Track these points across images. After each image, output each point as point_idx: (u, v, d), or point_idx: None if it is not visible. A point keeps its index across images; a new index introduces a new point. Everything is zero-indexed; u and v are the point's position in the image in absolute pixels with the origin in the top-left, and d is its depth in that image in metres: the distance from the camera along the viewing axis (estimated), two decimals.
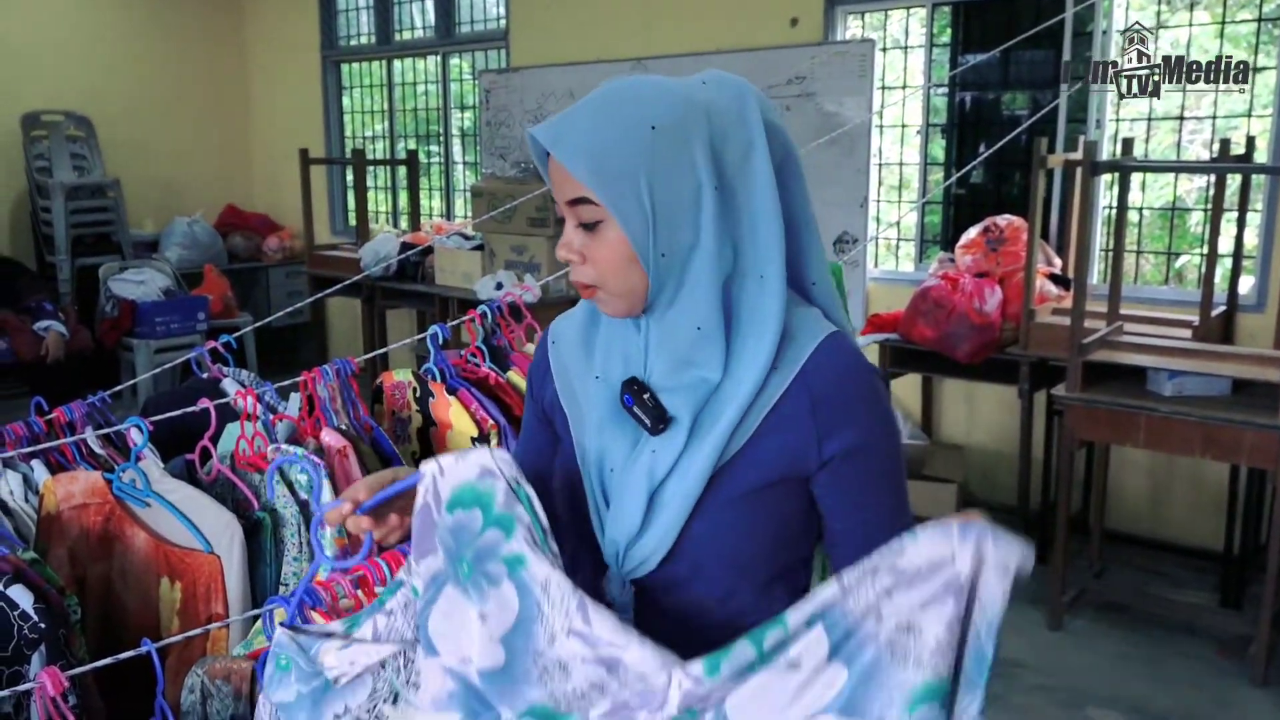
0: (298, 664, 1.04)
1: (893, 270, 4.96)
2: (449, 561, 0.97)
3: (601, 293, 1.06)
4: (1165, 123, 4.28)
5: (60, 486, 1.53)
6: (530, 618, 0.92)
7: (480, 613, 0.94)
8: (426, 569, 0.99)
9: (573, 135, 1.02)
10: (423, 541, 0.99)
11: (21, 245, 6.52)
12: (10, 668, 1.30)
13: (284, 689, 1.05)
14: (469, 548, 0.95)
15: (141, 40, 7.08)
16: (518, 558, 0.93)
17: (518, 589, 0.93)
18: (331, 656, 1.03)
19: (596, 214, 1.02)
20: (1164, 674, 3.19)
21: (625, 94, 1.04)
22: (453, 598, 0.97)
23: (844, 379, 1.05)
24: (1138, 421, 3.16)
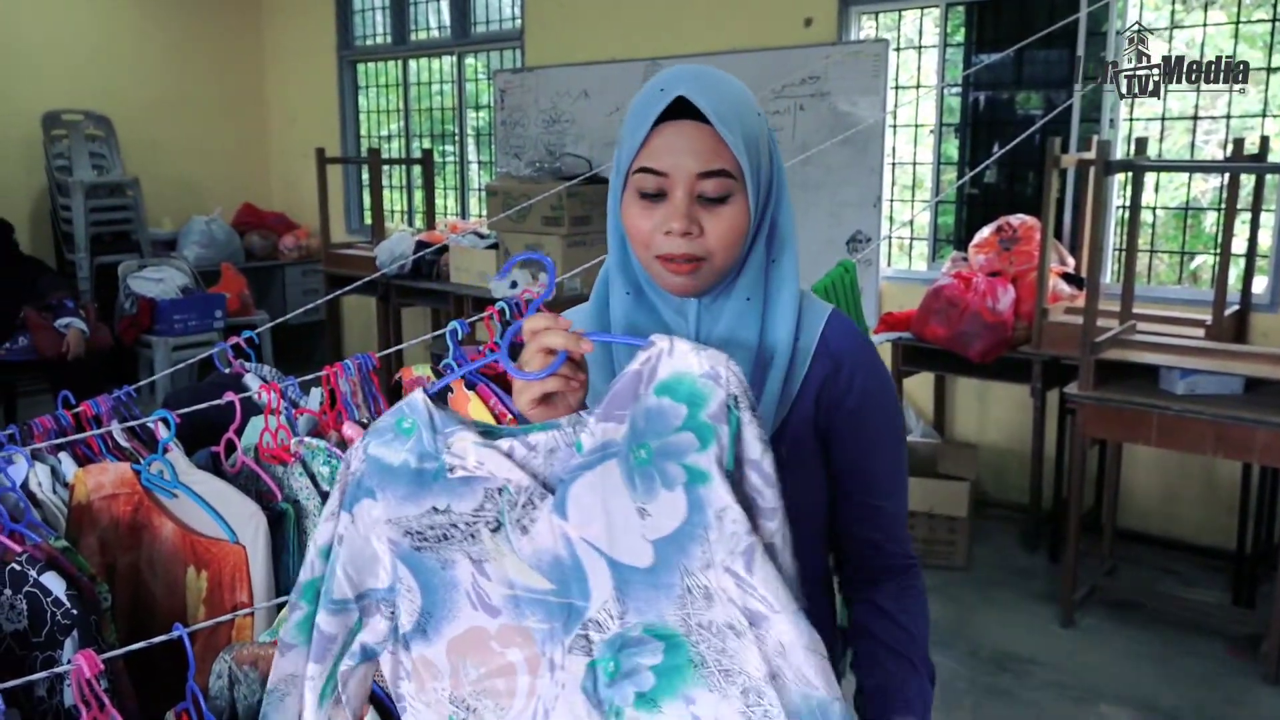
0: (420, 435, 0.95)
1: (906, 269, 4.97)
2: (629, 440, 0.89)
3: (705, 266, 1.07)
4: (1179, 123, 4.28)
5: (90, 477, 1.56)
6: (692, 536, 0.87)
7: (640, 507, 0.88)
8: (602, 433, 0.90)
9: (722, 102, 1.02)
10: (613, 406, 0.90)
11: (42, 243, 6.59)
12: (44, 652, 1.33)
13: (391, 448, 0.95)
14: (658, 438, 0.88)
15: (160, 41, 7.15)
16: (703, 473, 0.87)
17: (689, 503, 0.87)
18: (461, 446, 0.93)
19: (729, 187, 1.04)
20: (1175, 671, 3.20)
21: (731, 77, 1.07)
22: (612, 476, 0.89)
23: (857, 345, 1.17)
24: (1150, 420, 3.18)
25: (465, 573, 0.94)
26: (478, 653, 0.94)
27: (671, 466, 0.87)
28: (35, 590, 1.32)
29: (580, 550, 0.90)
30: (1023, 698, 3.06)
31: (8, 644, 1.36)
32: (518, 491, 0.92)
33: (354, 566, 0.96)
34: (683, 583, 0.88)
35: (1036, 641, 3.38)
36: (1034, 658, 3.27)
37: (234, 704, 1.28)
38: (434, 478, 0.94)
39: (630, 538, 0.89)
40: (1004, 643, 3.37)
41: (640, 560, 0.89)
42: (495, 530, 0.93)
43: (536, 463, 0.92)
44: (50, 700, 1.32)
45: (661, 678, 0.89)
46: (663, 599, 0.88)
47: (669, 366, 0.89)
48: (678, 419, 0.87)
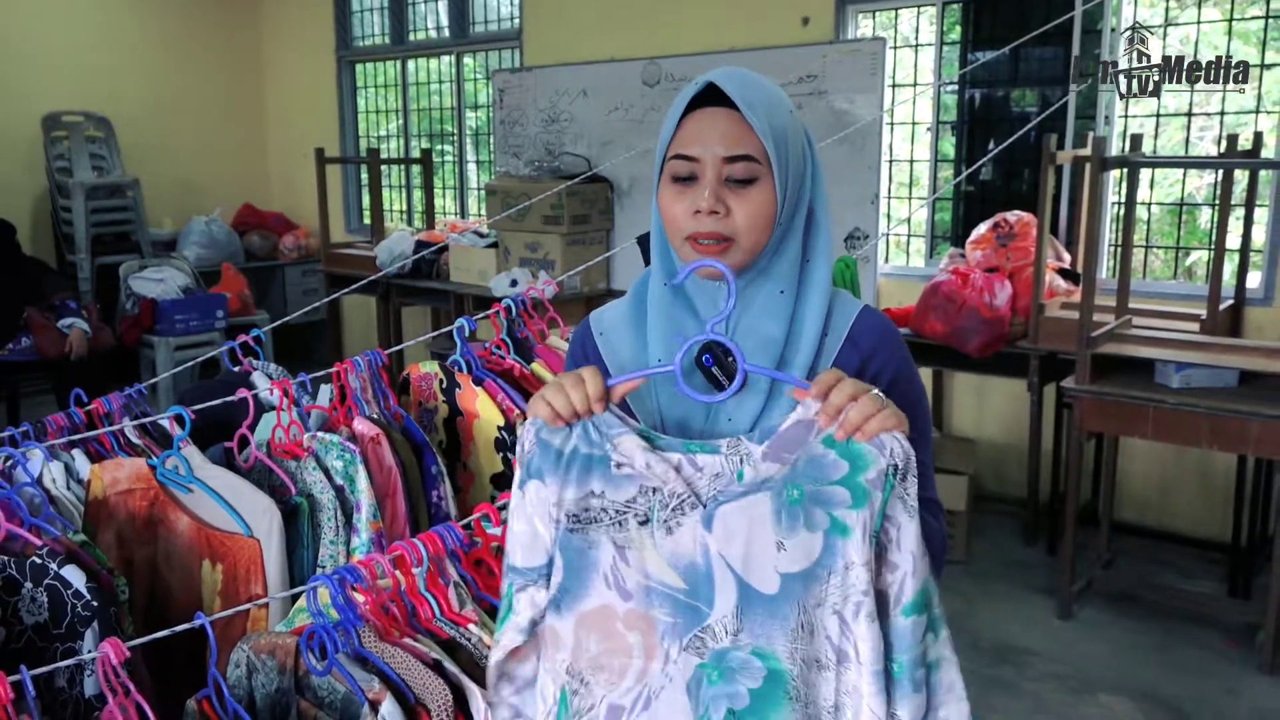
0: (589, 429, 1.03)
1: (903, 266, 5.01)
2: (787, 478, 0.97)
3: (733, 247, 1.12)
4: (1174, 119, 4.32)
5: (107, 473, 1.59)
6: (817, 577, 0.96)
7: (779, 540, 0.96)
8: (764, 470, 0.98)
9: (751, 91, 1.10)
10: (780, 448, 0.98)
11: (43, 244, 6.61)
12: (65, 644, 1.36)
13: (558, 435, 1.03)
14: (814, 484, 0.96)
15: (160, 42, 7.17)
16: (845, 528, 0.95)
17: (825, 548, 0.95)
18: (629, 448, 1.01)
19: (755, 171, 1.10)
20: (1173, 662, 3.24)
21: (763, 76, 1.14)
22: (762, 506, 0.97)
23: (886, 338, 1.20)
24: (1146, 413, 3.21)
25: (607, 555, 1.01)
26: (603, 629, 1.02)
27: (819, 513, 0.96)
28: (56, 583, 1.35)
29: (715, 564, 0.98)
30: (1023, 689, 3.09)
31: (29, 636, 1.38)
32: (670, 495, 0.99)
33: (523, 538, 1.05)
34: (797, 618, 0.96)
35: (1035, 633, 3.41)
36: (1033, 649, 3.31)
37: (252, 692, 1.30)
38: (597, 464, 1.02)
39: (763, 566, 0.97)
40: (1003, 635, 3.40)
41: (767, 588, 0.97)
42: (643, 524, 1.00)
43: (701, 483, 1.00)
44: (70, 691, 1.35)
45: (755, 700, 0.97)
46: (777, 629, 0.97)
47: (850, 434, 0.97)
48: (838, 474, 0.96)
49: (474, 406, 1.85)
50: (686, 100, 1.11)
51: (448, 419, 1.92)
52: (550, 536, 1.04)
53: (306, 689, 1.28)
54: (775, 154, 1.09)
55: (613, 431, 1.02)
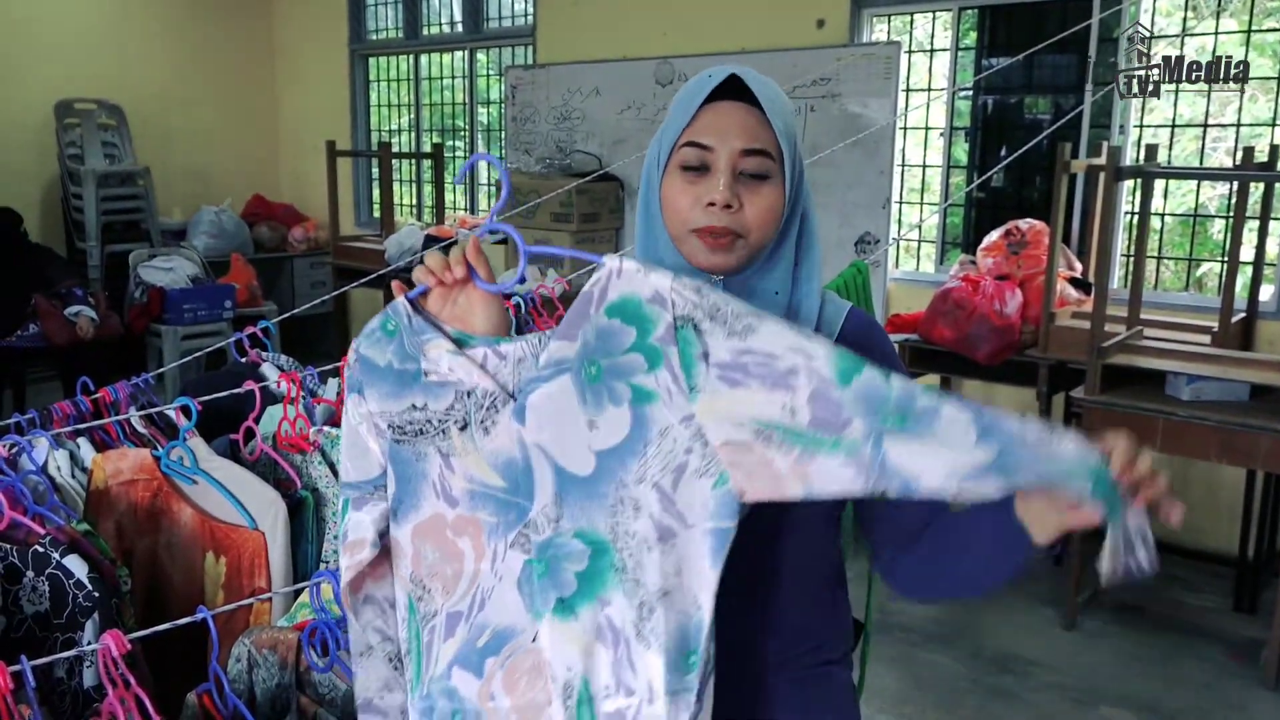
0: (403, 339, 1.03)
1: (913, 271, 4.99)
2: (581, 357, 0.95)
3: (741, 242, 1.11)
4: (1189, 129, 4.29)
5: (109, 463, 1.58)
6: (631, 451, 0.93)
7: (590, 420, 0.94)
8: (557, 350, 0.96)
9: (767, 89, 1.10)
10: (569, 325, 0.96)
11: (53, 231, 6.61)
12: (65, 634, 1.35)
13: (378, 349, 1.04)
14: (607, 357, 0.94)
15: (173, 31, 7.17)
16: (649, 393, 0.92)
17: (634, 419, 0.93)
18: (436, 353, 1.01)
19: (767, 167, 1.10)
20: (1177, 675, 3.22)
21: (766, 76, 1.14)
22: (566, 389, 0.95)
23: (874, 338, 1.20)
24: (1155, 425, 3.19)
25: (434, 465, 1.02)
26: (435, 538, 1.03)
27: (619, 385, 0.93)
28: (57, 572, 1.34)
29: (532, 454, 0.97)
30: (1025, 699, 3.07)
31: (29, 625, 1.38)
32: (484, 395, 1.00)
33: (351, 452, 1.06)
34: (616, 494, 0.93)
35: (1039, 643, 3.40)
36: (1036, 659, 3.29)
37: (253, 687, 1.29)
38: (413, 379, 1.02)
39: (578, 447, 0.95)
40: (1006, 644, 3.38)
41: (583, 469, 0.95)
42: (463, 429, 1.00)
43: (506, 371, 0.99)
44: (69, 682, 1.34)
45: (582, 583, 0.95)
46: (596, 507, 0.94)
47: (618, 288, 0.93)
48: (627, 340, 0.93)
49: None
50: (707, 90, 1.10)
51: None
52: (379, 448, 1.05)
53: (308, 685, 1.27)
54: (788, 153, 1.10)
55: (423, 337, 1.02)
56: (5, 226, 5.11)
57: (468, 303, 1.03)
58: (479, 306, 1.03)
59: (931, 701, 3.05)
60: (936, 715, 2.99)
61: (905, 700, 3.06)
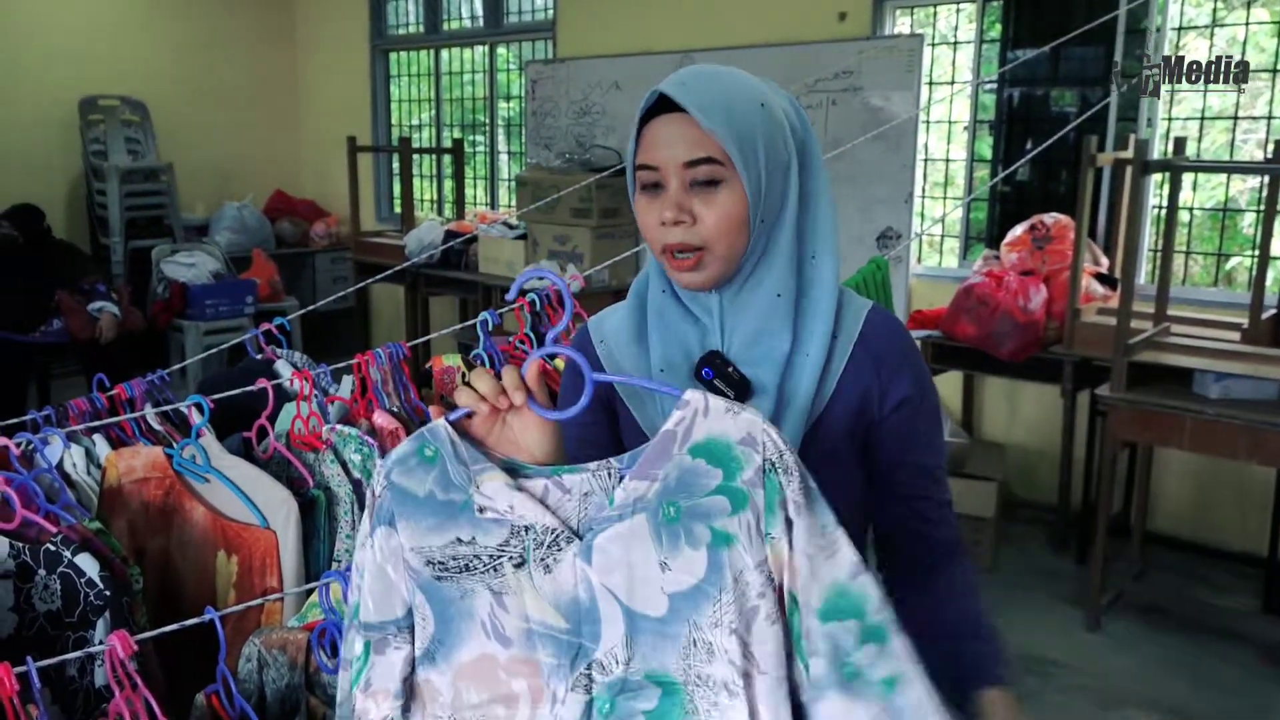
0: (445, 465, 0.93)
1: (936, 267, 4.94)
2: (660, 497, 0.90)
3: (706, 256, 1.07)
4: (1219, 121, 4.22)
5: (122, 460, 1.58)
6: (706, 595, 0.89)
7: (662, 561, 0.89)
8: (633, 490, 0.91)
9: (706, 95, 1.05)
10: (648, 465, 0.91)
11: (77, 227, 6.67)
12: (76, 632, 1.35)
13: (414, 476, 0.94)
14: (689, 498, 0.89)
15: (196, 28, 7.21)
16: (729, 536, 0.88)
17: (709, 563, 0.88)
18: (493, 487, 0.93)
19: (718, 173, 1.06)
20: (1203, 678, 3.17)
21: (731, 70, 1.10)
22: (641, 529, 0.90)
23: (896, 339, 1.16)
24: (1182, 423, 3.14)
25: (484, 603, 0.93)
26: (484, 680, 0.94)
27: (699, 527, 0.88)
28: (69, 571, 1.34)
29: (599, 595, 0.91)
30: (1048, 700, 3.04)
31: (41, 623, 1.37)
32: (544, 532, 0.92)
33: (376, 589, 0.95)
34: (689, 635, 0.89)
35: (1062, 644, 3.35)
36: (1059, 660, 3.25)
37: (263, 687, 1.28)
38: (460, 509, 0.92)
39: (649, 589, 0.90)
40: (1029, 645, 3.34)
41: (655, 610, 0.90)
42: (519, 566, 0.92)
43: (570, 505, 0.93)
44: (80, 680, 1.34)
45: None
46: (669, 648, 0.90)
47: (704, 428, 0.89)
48: (712, 482, 0.88)
49: None
50: (643, 109, 1.08)
51: None
52: (406, 586, 0.95)
53: (317, 686, 1.26)
54: (738, 152, 1.04)
55: (476, 468, 0.93)
56: (30, 223, 5.15)
57: (521, 426, 0.94)
58: (534, 432, 0.94)
59: None
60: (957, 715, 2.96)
61: None
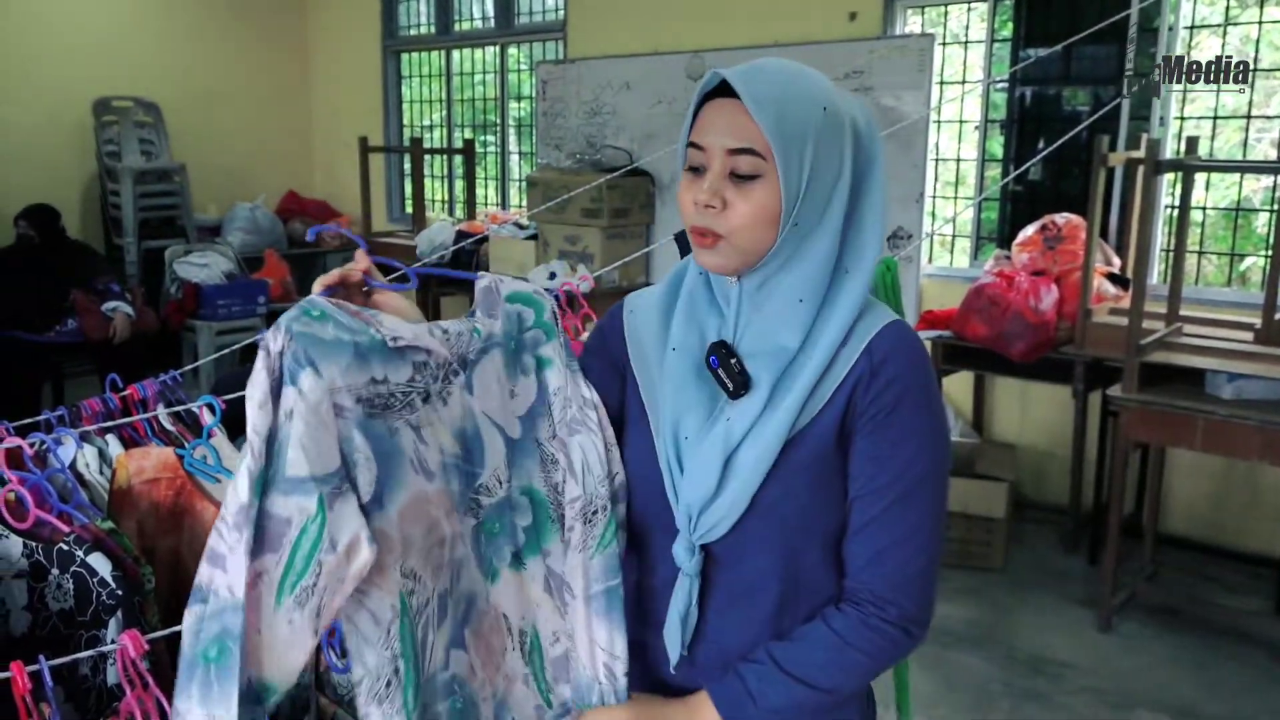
0: (337, 318, 0.98)
1: (947, 267, 4.93)
2: (504, 334, 1.11)
3: (724, 244, 1.08)
4: (1233, 121, 4.20)
5: (132, 461, 1.58)
6: (539, 412, 1.11)
7: (511, 390, 1.10)
8: (486, 327, 1.11)
9: (762, 85, 1.05)
10: (487, 307, 1.13)
11: (91, 228, 6.71)
12: (89, 631, 1.36)
13: (316, 328, 0.95)
14: (519, 333, 1.12)
15: (209, 29, 7.25)
16: (547, 360, 1.12)
17: (539, 385, 1.11)
18: (392, 323, 1.01)
19: (757, 167, 1.05)
20: (1215, 680, 3.15)
21: (803, 70, 1.09)
22: (496, 362, 1.10)
23: (902, 352, 1.09)
24: (1195, 424, 3.12)
25: (409, 439, 1.00)
26: (421, 517, 1.00)
27: (527, 358, 1.12)
28: (82, 570, 1.35)
29: (482, 423, 1.08)
30: (1058, 702, 3.03)
31: (54, 622, 1.39)
32: (438, 367, 1.05)
33: (310, 439, 0.92)
34: (539, 450, 1.11)
35: (1073, 645, 3.34)
36: (1070, 662, 3.24)
37: None
38: (369, 348, 0.99)
39: (508, 414, 1.10)
40: (1040, 646, 3.33)
41: (514, 433, 1.10)
42: (426, 400, 1.03)
43: (452, 346, 1.07)
44: (93, 679, 1.35)
45: (529, 536, 1.09)
46: (531, 465, 1.10)
47: (507, 287, 1.14)
48: (529, 320, 1.13)
49: None
50: (704, 89, 1.08)
51: None
52: (340, 429, 0.94)
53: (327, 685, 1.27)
54: (781, 150, 1.04)
55: (366, 313, 1.02)
56: (45, 223, 5.19)
57: (379, 303, 1.10)
58: (390, 305, 1.10)
59: (963, 704, 3.01)
60: (968, 718, 2.96)
61: (936, 702, 3.02)
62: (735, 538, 1.11)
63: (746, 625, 1.13)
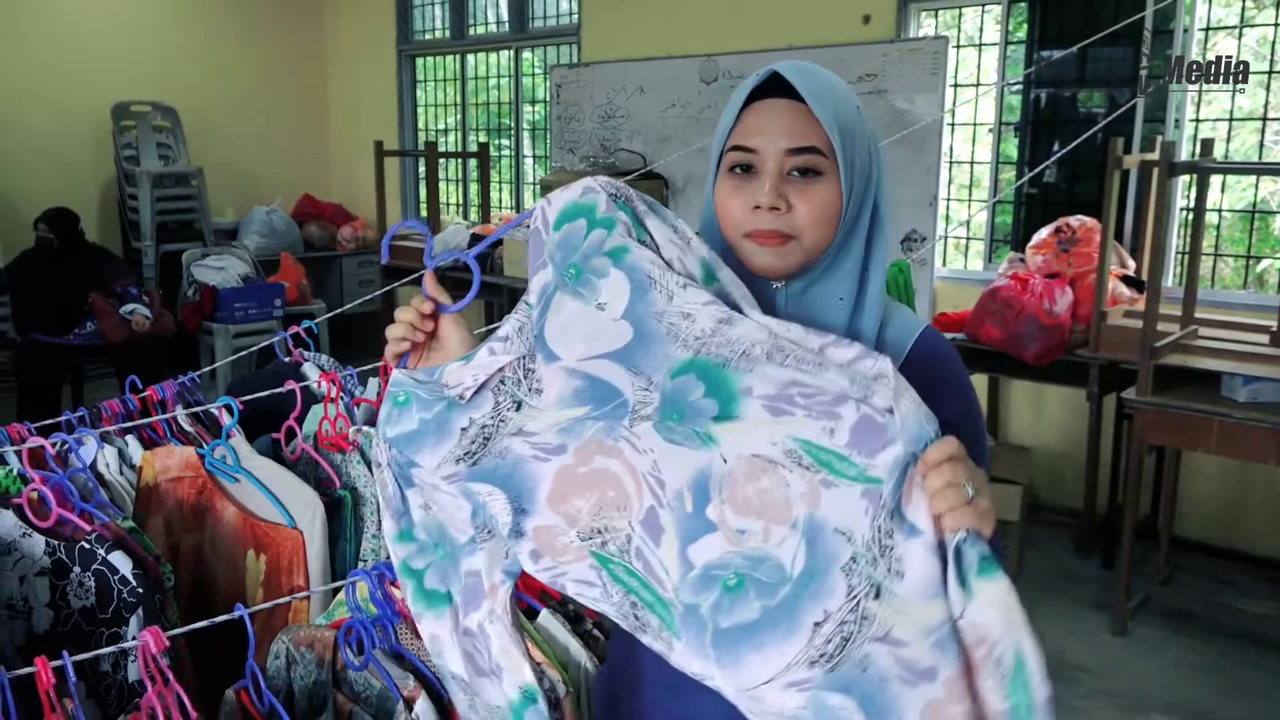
0: (417, 395, 1.06)
1: (961, 269, 4.92)
2: (557, 271, 1.03)
3: (794, 243, 1.06)
4: (1248, 123, 4.18)
5: (158, 460, 1.61)
6: (644, 286, 0.99)
7: (598, 304, 1.00)
8: (538, 282, 1.04)
9: (818, 83, 1.05)
10: (534, 260, 1.05)
11: (109, 231, 6.77)
12: (110, 629, 1.38)
13: (403, 422, 1.06)
14: (575, 252, 1.02)
15: (226, 34, 7.30)
16: (621, 248, 1.01)
17: (625, 271, 1.00)
18: (453, 375, 1.05)
19: (820, 164, 1.04)
20: (1230, 684, 3.14)
21: (831, 74, 1.08)
22: (565, 302, 1.02)
23: (947, 363, 1.12)
24: (1210, 427, 3.11)
25: (520, 445, 1.02)
26: (573, 487, 0.99)
27: (597, 260, 1.01)
28: (103, 568, 1.37)
29: (587, 369, 1.00)
30: (1072, 705, 3.02)
31: (75, 619, 1.41)
32: (513, 371, 1.04)
33: (447, 515, 1.05)
34: (663, 323, 0.98)
35: (1087, 649, 3.33)
36: (1084, 665, 3.23)
37: (291, 684, 1.31)
38: (449, 409, 1.04)
39: (607, 331, 1.00)
40: (1054, 649, 3.32)
41: (625, 338, 0.99)
42: (519, 409, 1.03)
43: (515, 345, 1.04)
44: (114, 675, 1.37)
45: (714, 392, 0.96)
46: (664, 347, 0.98)
47: (554, 209, 1.05)
48: (582, 230, 1.02)
49: None
50: (749, 89, 1.07)
51: None
52: (458, 496, 1.04)
53: (344, 683, 1.29)
54: (841, 147, 1.03)
55: (434, 375, 1.05)
56: (65, 226, 5.23)
57: (443, 338, 1.11)
58: (453, 336, 1.10)
59: None
60: None
61: None
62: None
63: None
